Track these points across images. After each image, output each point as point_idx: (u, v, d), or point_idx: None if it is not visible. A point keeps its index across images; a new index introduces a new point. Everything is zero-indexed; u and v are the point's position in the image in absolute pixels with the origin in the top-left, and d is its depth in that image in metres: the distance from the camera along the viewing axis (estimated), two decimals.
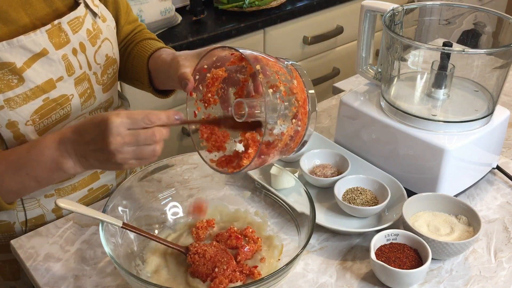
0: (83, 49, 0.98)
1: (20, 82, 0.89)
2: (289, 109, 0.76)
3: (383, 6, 1.06)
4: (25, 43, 0.89)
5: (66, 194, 1.04)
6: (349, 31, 2.16)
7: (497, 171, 1.12)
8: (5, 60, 0.88)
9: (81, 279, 0.89)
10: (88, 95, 1.00)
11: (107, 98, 1.06)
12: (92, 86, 1.01)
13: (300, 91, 0.78)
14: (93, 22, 1.00)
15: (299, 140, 0.80)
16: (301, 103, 0.77)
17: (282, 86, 0.75)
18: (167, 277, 0.85)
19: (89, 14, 1.00)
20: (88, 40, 0.99)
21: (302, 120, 0.78)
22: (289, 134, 0.77)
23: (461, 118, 1.01)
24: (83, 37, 0.98)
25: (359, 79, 1.51)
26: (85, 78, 0.99)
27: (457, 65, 1.03)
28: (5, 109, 0.89)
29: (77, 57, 0.97)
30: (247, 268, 0.85)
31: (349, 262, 0.92)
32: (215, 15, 1.87)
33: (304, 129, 0.79)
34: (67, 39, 0.95)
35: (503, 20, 1.04)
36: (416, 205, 0.97)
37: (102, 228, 0.82)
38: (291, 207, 0.93)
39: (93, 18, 1.01)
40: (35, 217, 1.03)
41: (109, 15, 1.07)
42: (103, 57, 1.02)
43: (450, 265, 0.91)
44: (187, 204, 0.98)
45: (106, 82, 1.04)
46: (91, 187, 1.08)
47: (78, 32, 0.97)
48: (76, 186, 1.05)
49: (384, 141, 1.06)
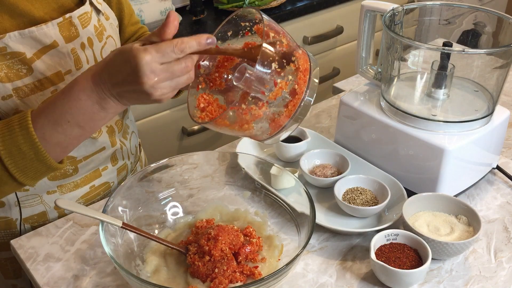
0: (90, 44, 0.99)
1: (29, 72, 0.90)
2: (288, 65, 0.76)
3: (383, 6, 1.06)
4: (37, 34, 0.90)
5: (69, 191, 1.04)
6: (349, 31, 2.16)
7: (497, 171, 1.12)
8: (16, 49, 0.89)
9: (81, 279, 0.89)
10: None
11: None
12: None
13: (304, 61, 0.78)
14: (97, 19, 1.01)
15: (296, 104, 0.78)
16: (302, 69, 0.77)
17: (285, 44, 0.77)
18: (167, 277, 0.85)
19: (93, 11, 1.01)
20: (96, 36, 1.00)
21: (299, 84, 0.77)
22: (282, 87, 0.75)
23: (461, 118, 1.01)
24: (91, 32, 0.99)
25: (359, 79, 1.51)
26: None
27: (457, 65, 1.03)
28: (13, 98, 0.89)
29: (85, 51, 0.98)
30: (248, 269, 0.85)
31: (349, 262, 0.92)
32: (215, 15, 1.87)
33: (302, 93, 0.78)
34: (77, 33, 0.96)
35: (503, 20, 1.04)
36: (416, 205, 0.97)
37: (102, 228, 0.82)
38: (291, 207, 0.93)
39: (97, 15, 1.01)
40: (37, 214, 1.03)
41: (111, 14, 1.08)
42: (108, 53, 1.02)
43: (450, 265, 0.91)
44: (187, 204, 0.98)
45: None
46: (93, 184, 1.08)
47: (87, 27, 0.98)
48: (78, 183, 1.05)
49: (384, 141, 1.06)
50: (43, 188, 1.01)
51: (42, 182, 1.01)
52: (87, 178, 1.07)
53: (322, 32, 2.09)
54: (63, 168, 0.89)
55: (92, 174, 1.07)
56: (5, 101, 0.89)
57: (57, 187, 1.03)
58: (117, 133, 1.10)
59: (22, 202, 1.01)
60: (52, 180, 1.02)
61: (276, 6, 1.91)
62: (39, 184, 1.00)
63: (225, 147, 1.22)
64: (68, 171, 1.03)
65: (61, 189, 1.03)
